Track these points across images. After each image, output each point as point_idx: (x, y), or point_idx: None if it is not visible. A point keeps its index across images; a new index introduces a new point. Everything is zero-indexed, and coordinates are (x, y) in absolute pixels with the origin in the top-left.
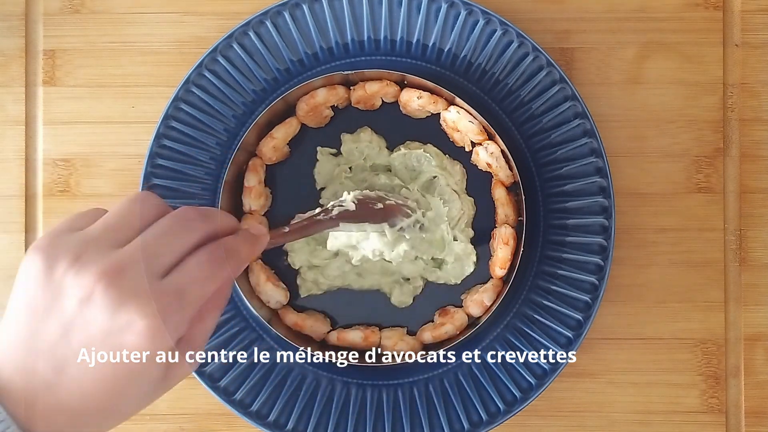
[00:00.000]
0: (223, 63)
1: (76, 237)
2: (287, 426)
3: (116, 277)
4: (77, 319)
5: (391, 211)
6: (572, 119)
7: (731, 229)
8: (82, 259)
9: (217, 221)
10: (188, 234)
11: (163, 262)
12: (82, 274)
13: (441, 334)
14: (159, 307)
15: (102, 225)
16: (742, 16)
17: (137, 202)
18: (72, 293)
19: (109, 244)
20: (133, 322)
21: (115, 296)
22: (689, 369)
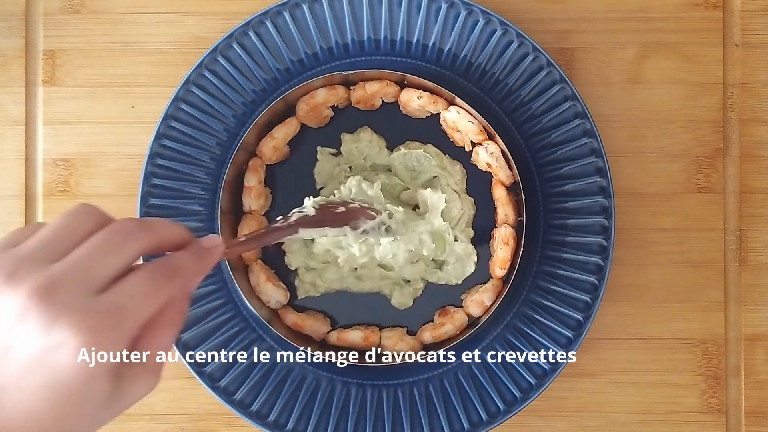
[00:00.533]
0: (223, 63)
1: (10, 253)
2: (287, 426)
3: (49, 294)
4: (13, 340)
5: (352, 214)
6: (572, 119)
7: (731, 229)
8: (14, 276)
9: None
10: (126, 247)
11: (99, 277)
12: (15, 291)
13: (441, 334)
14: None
15: (37, 240)
16: (742, 16)
17: (75, 216)
18: (6, 312)
19: (44, 259)
20: (66, 340)
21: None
22: (689, 369)
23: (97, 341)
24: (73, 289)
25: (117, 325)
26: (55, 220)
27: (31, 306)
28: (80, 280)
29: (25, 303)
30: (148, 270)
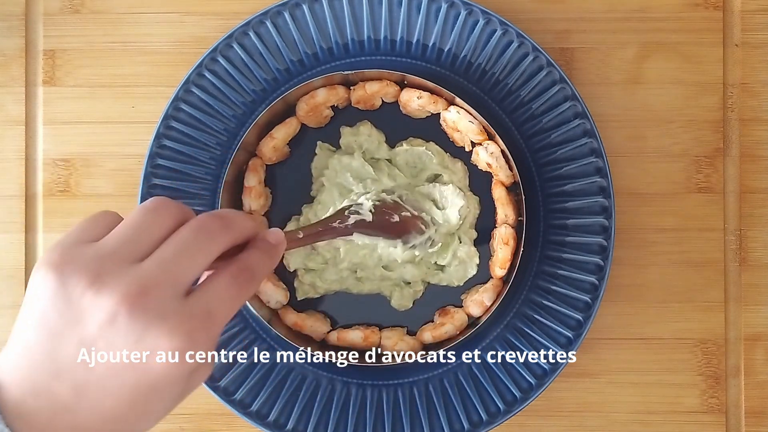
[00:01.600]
0: (223, 63)
1: (91, 251)
2: (287, 426)
3: (140, 299)
4: (99, 342)
5: (406, 226)
6: (572, 119)
7: (731, 229)
8: (101, 277)
9: (238, 230)
10: (210, 247)
11: (186, 278)
12: (104, 295)
13: (441, 334)
14: (187, 329)
15: (118, 237)
16: (742, 16)
17: (153, 211)
18: (93, 315)
19: (127, 258)
20: (161, 346)
21: (140, 319)
22: (689, 369)
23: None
24: (163, 292)
25: (208, 329)
26: (133, 214)
27: (122, 311)
28: (169, 282)
29: (116, 307)
30: (231, 274)
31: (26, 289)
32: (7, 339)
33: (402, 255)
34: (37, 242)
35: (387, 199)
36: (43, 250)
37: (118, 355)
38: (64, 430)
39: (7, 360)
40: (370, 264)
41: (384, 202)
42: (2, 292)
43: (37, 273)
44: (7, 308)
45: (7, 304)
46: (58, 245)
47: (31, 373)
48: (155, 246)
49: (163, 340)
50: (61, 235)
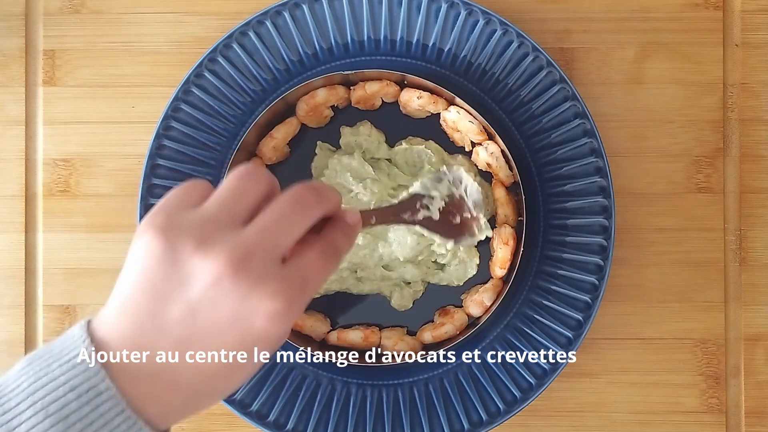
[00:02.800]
0: (223, 63)
1: (195, 216)
2: (287, 426)
3: (244, 262)
4: (204, 302)
5: (464, 228)
6: (572, 119)
7: (731, 229)
8: (206, 241)
9: (329, 203)
10: (308, 217)
11: (284, 246)
12: (210, 258)
13: (441, 334)
14: (288, 293)
15: (218, 203)
16: (742, 16)
17: (247, 179)
18: (199, 276)
19: (229, 223)
20: (262, 307)
21: (244, 281)
22: (689, 369)
23: (289, 309)
24: (265, 257)
25: (303, 295)
26: (229, 181)
27: (227, 272)
28: (270, 248)
29: (221, 269)
30: (321, 247)
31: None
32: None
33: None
34: (37, 242)
35: (455, 195)
36: (43, 250)
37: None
38: (164, 388)
39: (110, 318)
40: (370, 264)
41: (452, 199)
42: (2, 292)
43: (143, 235)
44: (7, 308)
45: (7, 304)
46: (161, 210)
47: (135, 332)
48: (253, 211)
49: (266, 301)
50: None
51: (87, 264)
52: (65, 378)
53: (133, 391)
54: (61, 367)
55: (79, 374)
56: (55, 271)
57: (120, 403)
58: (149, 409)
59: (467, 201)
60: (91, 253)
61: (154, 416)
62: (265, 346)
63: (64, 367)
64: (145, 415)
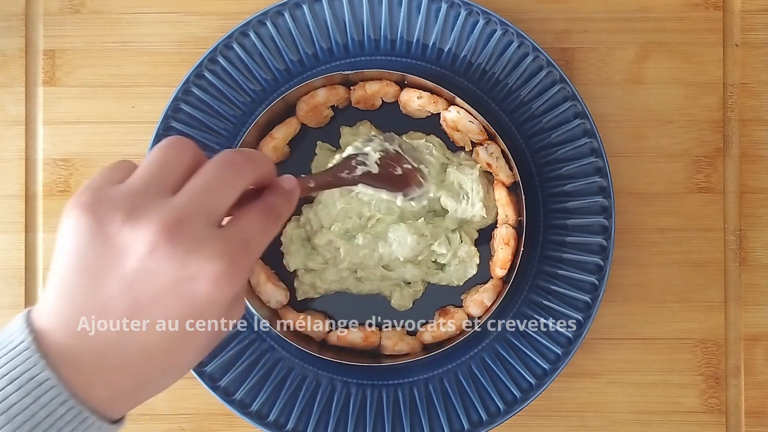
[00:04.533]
0: (223, 63)
1: (122, 189)
2: (287, 426)
3: (179, 227)
4: (140, 274)
5: (408, 179)
6: (572, 119)
7: (731, 229)
8: (136, 212)
9: (261, 168)
10: (239, 179)
11: (219, 210)
12: (141, 227)
13: (441, 334)
14: (228, 253)
15: (144, 175)
16: (742, 16)
17: (172, 148)
18: (133, 248)
19: (158, 193)
20: (203, 270)
21: (181, 245)
22: (689, 369)
23: (233, 271)
24: (199, 221)
25: (246, 256)
26: (153, 154)
27: (161, 240)
28: (203, 212)
29: (155, 237)
30: (259, 209)
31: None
32: None
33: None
34: (37, 242)
35: (390, 150)
36: (43, 250)
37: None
38: (110, 370)
39: (47, 305)
40: (370, 264)
41: (387, 153)
42: (2, 292)
43: (69, 215)
44: (7, 308)
45: (7, 304)
46: (86, 188)
47: (73, 315)
48: (181, 180)
49: (206, 263)
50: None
51: None
52: (4, 370)
53: (77, 378)
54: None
55: (18, 365)
56: None
57: (62, 393)
58: (96, 395)
59: (404, 154)
60: None
61: (103, 402)
62: (212, 313)
63: (3, 360)
64: (91, 403)
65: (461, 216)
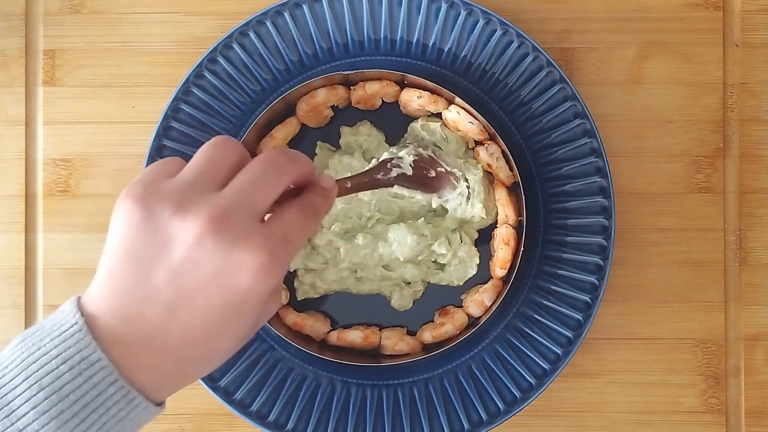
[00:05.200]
0: (223, 63)
1: (172, 184)
2: (287, 426)
3: (224, 220)
4: (187, 263)
5: (441, 181)
6: (572, 119)
7: (731, 229)
8: (185, 205)
9: (302, 167)
10: (282, 178)
11: (262, 206)
12: (189, 219)
13: (441, 334)
14: (270, 247)
15: (193, 170)
16: (742, 16)
17: (219, 147)
18: (180, 239)
19: (206, 188)
20: (246, 262)
21: (226, 238)
22: (689, 369)
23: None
24: (244, 215)
25: (286, 251)
26: (202, 151)
27: (208, 232)
28: (247, 207)
29: (201, 229)
30: (299, 207)
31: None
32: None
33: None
34: (37, 242)
35: (424, 154)
36: (43, 250)
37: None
38: (155, 354)
39: (97, 291)
40: (370, 264)
41: (421, 157)
42: (2, 292)
43: (122, 206)
44: (7, 308)
45: (7, 304)
46: (138, 182)
47: (122, 301)
48: (228, 177)
49: (249, 256)
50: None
51: (87, 264)
52: (57, 351)
53: (125, 360)
54: (53, 341)
55: (71, 347)
56: (55, 271)
57: (113, 373)
58: (142, 377)
59: (437, 159)
60: (91, 254)
61: (147, 385)
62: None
63: (56, 341)
64: (138, 384)
65: (461, 216)
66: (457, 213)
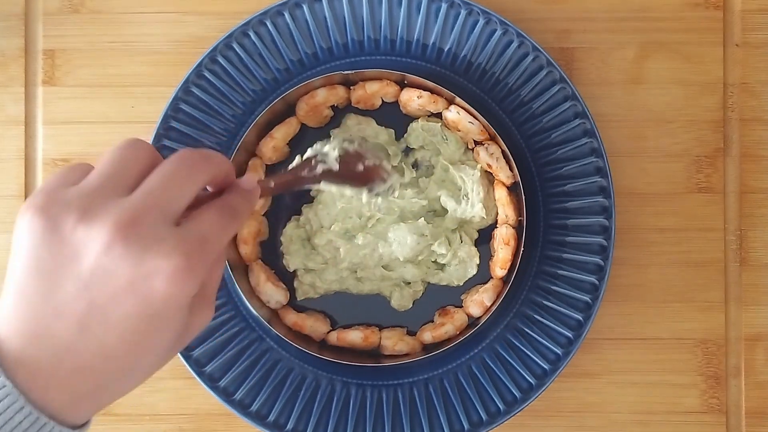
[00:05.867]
0: (223, 63)
1: (76, 191)
2: (287, 426)
3: (134, 225)
4: (97, 274)
5: (370, 175)
6: (572, 119)
7: (731, 229)
8: (90, 211)
9: (218, 166)
10: (195, 177)
11: (176, 207)
12: (95, 227)
13: (441, 334)
14: (185, 250)
15: (99, 175)
16: (742, 16)
17: (129, 149)
18: (88, 247)
19: (113, 192)
20: (160, 267)
21: (137, 244)
22: (689, 369)
23: (189, 267)
24: (156, 219)
25: (203, 253)
26: (108, 154)
27: (117, 238)
28: (159, 210)
29: (110, 236)
30: (217, 207)
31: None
32: None
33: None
34: None
35: (349, 149)
36: None
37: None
38: (68, 373)
39: (2, 311)
40: (370, 264)
41: (347, 152)
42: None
43: (23, 218)
44: None
45: None
46: (40, 191)
47: (29, 319)
48: (137, 180)
49: (162, 260)
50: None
51: None
52: None
53: (34, 384)
54: None
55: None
56: None
57: (18, 399)
58: (54, 401)
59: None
60: None
61: (61, 408)
62: (171, 310)
63: None
64: (50, 410)
65: (461, 216)
66: (457, 213)
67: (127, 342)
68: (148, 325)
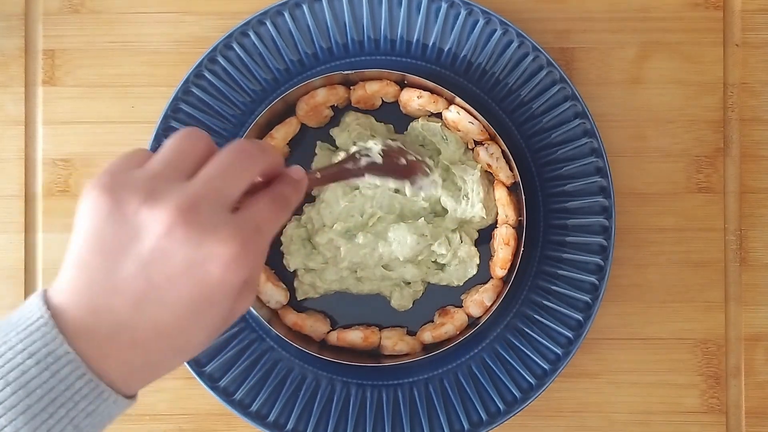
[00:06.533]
0: (223, 63)
1: (140, 173)
2: (287, 426)
3: (194, 210)
4: (156, 254)
5: (413, 168)
6: (572, 119)
7: (731, 229)
8: (154, 194)
9: (271, 157)
10: (251, 167)
11: (232, 195)
12: (158, 209)
13: (441, 334)
14: (241, 238)
15: (162, 160)
16: (742, 16)
17: (188, 138)
18: (149, 229)
19: (175, 177)
20: (217, 252)
21: (196, 228)
22: (689, 369)
23: (245, 255)
24: (213, 205)
25: (257, 241)
26: (170, 142)
27: (178, 221)
28: (217, 196)
29: (171, 219)
30: (270, 197)
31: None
32: None
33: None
34: (36, 242)
35: (392, 145)
36: (42, 250)
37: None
38: (124, 347)
39: (64, 283)
40: (370, 264)
41: (390, 147)
42: (2, 292)
43: (88, 196)
44: (7, 308)
45: (7, 304)
46: (106, 172)
47: (90, 293)
48: (196, 167)
49: (220, 246)
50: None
51: None
52: (23, 345)
53: (93, 353)
54: (19, 335)
55: (36, 340)
56: (55, 271)
57: (80, 367)
58: (111, 370)
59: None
60: None
61: (116, 378)
62: (222, 295)
63: (22, 335)
64: (107, 377)
65: (461, 216)
66: (457, 213)
67: (179, 321)
68: (200, 308)
